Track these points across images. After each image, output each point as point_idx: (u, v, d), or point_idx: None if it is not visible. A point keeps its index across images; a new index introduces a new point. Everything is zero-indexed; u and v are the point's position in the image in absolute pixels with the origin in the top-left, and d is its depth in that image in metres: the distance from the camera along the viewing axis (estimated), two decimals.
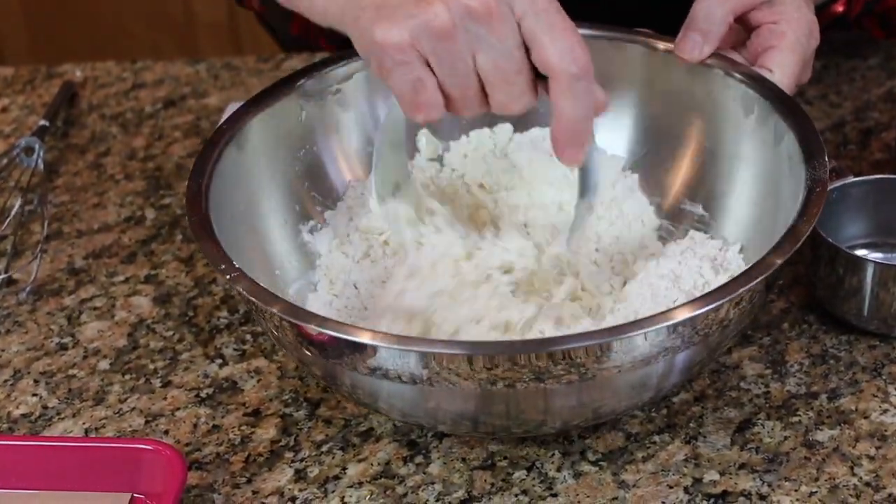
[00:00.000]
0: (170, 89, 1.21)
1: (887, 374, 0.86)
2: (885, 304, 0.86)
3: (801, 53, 0.89)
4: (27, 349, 0.92)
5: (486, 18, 0.74)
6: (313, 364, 0.78)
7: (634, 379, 0.75)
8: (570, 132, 0.77)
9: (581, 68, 0.75)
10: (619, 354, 0.72)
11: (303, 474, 0.82)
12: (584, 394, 0.75)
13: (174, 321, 0.94)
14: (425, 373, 0.72)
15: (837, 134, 1.08)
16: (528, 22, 0.75)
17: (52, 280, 0.99)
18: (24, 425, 0.86)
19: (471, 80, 0.77)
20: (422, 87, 0.76)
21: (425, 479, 0.81)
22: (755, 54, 0.90)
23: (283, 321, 0.75)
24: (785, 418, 0.83)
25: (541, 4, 0.75)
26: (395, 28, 0.75)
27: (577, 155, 0.78)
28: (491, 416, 0.77)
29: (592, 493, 0.79)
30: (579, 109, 0.76)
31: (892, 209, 0.92)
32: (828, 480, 0.79)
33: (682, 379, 0.79)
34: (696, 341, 0.74)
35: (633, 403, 0.79)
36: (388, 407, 0.79)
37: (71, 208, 1.06)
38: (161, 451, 0.78)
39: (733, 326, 0.76)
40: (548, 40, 0.75)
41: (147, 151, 1.13)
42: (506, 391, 0.73)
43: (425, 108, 0.77)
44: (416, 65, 0.76)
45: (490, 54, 0.75)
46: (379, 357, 0.73)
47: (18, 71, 1.25)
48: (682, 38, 0.90)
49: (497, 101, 0.77)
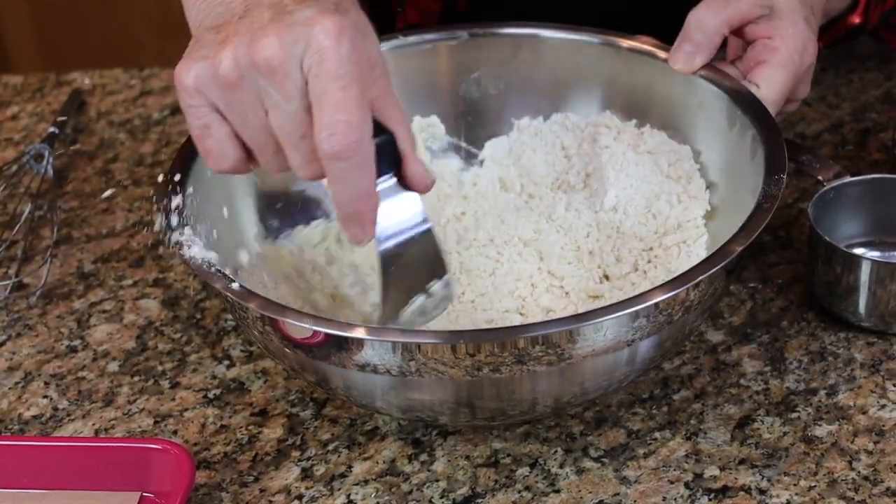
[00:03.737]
0: (177, 96, 1.22)
1: (885, 370, 0.87)
2: (882, 301, 0.87)
3: (793, 70, 0.89)
4: (37, 352, 0.94)
5: (269, 73, 0.69)
6: (304, 369, 0.80)
7: (610, 359, 0.77)
8: (341, 212, 0.71)
9: (338, 150, 0.68)
10: (588, 338, 0.74)
11: (309, 473, 0.83)
12: (566, 374, 0.77)
13: (182, 323, 0.95)
14: (412, 364, 0.74)
15: (836, 135, 1.09)
16: (311, 84, 0.69)
17: (61, 284, 1.00)
18: (35, 427, 0.88)
19: (264, 136, 0.71)
20: (208, 133, 0.72)
21: (430, 476, 0.82)
22: (748, 68, 0.90)
23: (264, 322, 0.76)
24: (784, 414, 0.84)
25: (325, 65, 0.68)
26: (185, 70, 0.71)
27: (357, 235, 0.72)
28: (484, 400, 0.78)
29: (594, 488, 0.80)
30: (343, 190, 0.70)
31: (888, 208, 0.93)
32: (826, 475, 0.80)
33: (657, 356, 0.81)
34: (661, 324, 0.77)
35: (615, 380, 0.80)
36: (386, 405, 0.80)
37: (80, 213, 1.08)
38: (170, 451, 0.79)
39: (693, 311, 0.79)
40: (316, 112, 0.69)
41: (155, 157, 1.14)
42: (492, 375, 0.75)
43: (214, 156, 0.73)
44: (204, 110, 0.71)
45: (276, 113, 0.70)
46: (366, 352, 0.74)
47: (28, 79, 1.27)
48: (675, 49, 0.91)
49: (292, 165, 0.72)
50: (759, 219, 0.78)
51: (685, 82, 0.91)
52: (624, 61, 0.95)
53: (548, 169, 0.95)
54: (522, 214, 0.93)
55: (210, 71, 0.70)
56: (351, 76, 0.68)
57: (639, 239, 0.90)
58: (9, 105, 1.22)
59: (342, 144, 0.68)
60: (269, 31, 0.69)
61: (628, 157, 0.93)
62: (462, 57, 0.98)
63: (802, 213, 0.99)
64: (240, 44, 0.70)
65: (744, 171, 0.85)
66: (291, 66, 0.68)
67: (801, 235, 0.98)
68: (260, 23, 0.70)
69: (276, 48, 0.68)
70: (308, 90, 0.69)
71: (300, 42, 0.68)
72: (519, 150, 0.97)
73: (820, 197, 0.91)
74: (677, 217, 0.90)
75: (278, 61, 0.68)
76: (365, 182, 0.70)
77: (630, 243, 0.89)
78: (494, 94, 0.99)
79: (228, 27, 0.71)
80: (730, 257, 0.76)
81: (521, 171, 0.96)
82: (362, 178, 0.70)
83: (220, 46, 0.70)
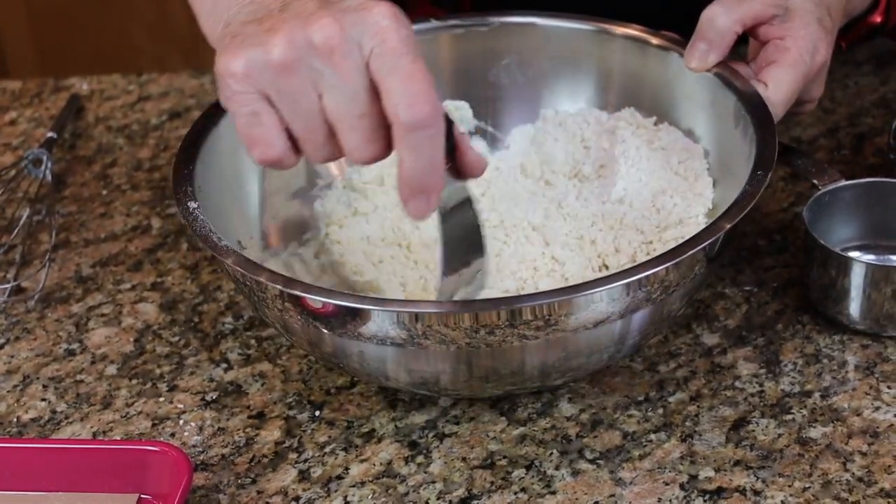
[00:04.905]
0: (175, 101, 1.22)
1: (879, 372, 0.87)
2: (876, 304, 0.88)
3: (802, 71, 0.89)
4: (36, 355, 0.94)
5: (328, 55, 0.69)
6: (320, 342, 0.82)
7: (593, 333, 0.79)
8: (409, 184, 0.72)
9: (419, 119, 0.69)
10: (573, 310, 0.77)
11: (306, 474, 0.83)
12: (552, 341, 0.79)
13: (180, 327, 0.96)
14: (419, 326, 0.76)
15: (831, 139, 1.09)
16: (374, 63, 0.70)
17: (60, 288, 1.00)
18: (33, 429, 0.88)
19: (316, 122, 0.71)
20: (256, 121, 0.72)
21: (426, 478, 0.82)
22: (759, 68, 0.91)
23: (282, 295, 0.79)
24: (779, 416, 0.85)
25: (390, 44, 0.69)
26: (233, 58, 0.71)
27: (419, 208, 0.73)
28: (480, 359, 0.80)
29: (590, 490, 0.81)
30: (418, 162, 0.71)
31: (883, 211, 0.93)
32: (821, 476, 0.81)
33: (637, 334, 0.82)
34: (640, 301, 0.79)
35: (596, 352, 0.82)
36: (395, 375, 0.82)
37: (78, 218, 1.08)
38: (167, 453, 0.80)
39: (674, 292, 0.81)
40: (390, 85, 0.69)
41: (152, 162, 1.14)
42: (488, 339, 0.77)
43: (260, 145, 0.72)
44: (252, 97, 0.71)
45: (333, 95, 0.70)
46: (375, 321, 0.77)
47: (26, 84, 1.27)
48: (690, 48, 0.92)
49: (347, 148, 0.72)
50: (734, 212, 0.80)
51: (699, 80, 0.93)
52: (649, 57, 0.96)
53: (566, 157, 0.97)
54: (535, 200, 0.95)
55: (263, 56, 0.70)
56: (416, 52, 0.70)
57: (640, 232, 0.90)
58: (7, 110, 1.23)
59: (424, 113, 0.69)
60: (323, 14, 0.70)
61: (641, 151, 0.95)
62: (493, 43, 1.00)
63: (798, 217, 0.99)
64: (294, 28, 0.70)
65: (740, 170, 0.85)
66: (350, 46, 0.69)
67: (797, 239, 0.98)
68: (308, 10, 0.71)
69: (334, 28, 0.69)
70: (371, 70, 0.70)
71: (357, 25, 0.70)
72: (542, 139, 0.99)
73: (815, 201, 0.91)
74: (679, 213, 0.91)
75: (337, 40, 0.69)
76: (438, 154, 0.71)
77: (630, 235, 0.90)
78: (523, 81, 1.00)
79: (271, 18, 0.72)
80: (701, 244, 0.78)
81: (542, 159, 0.98)
82: (436, 149, 0.71)
83: (269, 34, 0.70)
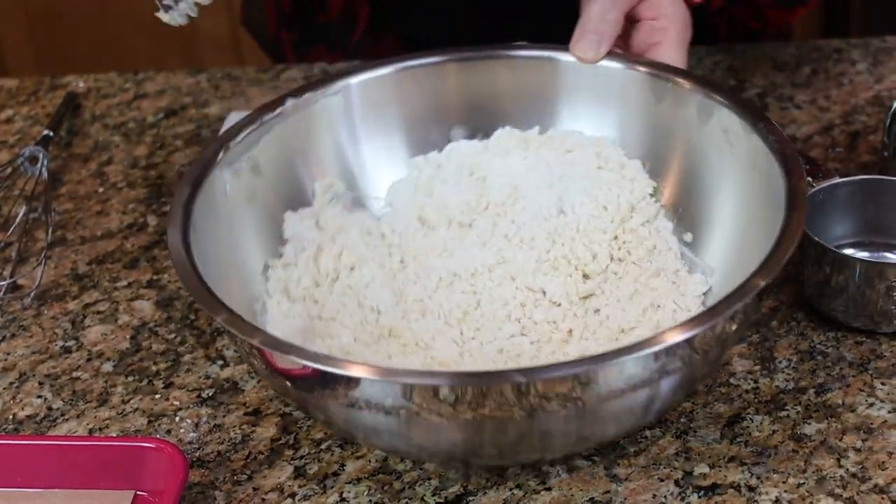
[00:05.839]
0: (171, 99, 1.23)
1: (873, 368, 0.88)
2: (870, 301, 0.88)
3: (684, 48, 0.94)
4: (32, 352, 0.94)
5: None
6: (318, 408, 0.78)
7: (629, 401, 0.74)
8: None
9: None
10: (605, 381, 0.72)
11: (302, 471, 0.83)
12: (583, 419, 0.74)
13: (176, 324, 0.96)
14: None
15: (826, 137, 1.10)
16: None
17: (56, 285, 1.00)
18: (29, 426, 0.88)
19: None
20: None
21: (421, 474, 0.83)
22: (641, 50, 0.94)
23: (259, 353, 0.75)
24: (773, 413, 0.85)
25: None
26: None
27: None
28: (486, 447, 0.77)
29: (585, 486, 0.81)
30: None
31: (878, 209, 0.93)
32: (815, 472, 0.81)
33: (682, 395, 0.81)
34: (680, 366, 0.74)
35: (635, 425, 0.79)
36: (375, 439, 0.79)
37: (74, 215, 1.08)
38: (163, 450, 0.80)
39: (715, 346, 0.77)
40: None
41: (149, 160, 1.15)
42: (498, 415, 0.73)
43: None
44: None
45: None
46: (363, 389, 0.72)
47: (23, 82, 1.27)
48: (580, 39, 0.93)
49: None
50: (780, 252, 0.76)
51: (576, 78, 0.94)
52: None
53: (462, 196, 0.93)
54: (467, 244, 0.91)
55: None
56: None
57: (602, 231, 0.90)
58: (3, 108, 1.23)
59: None
60: None
61: (550, 162, 0.93)
62: None
63: None
64: None
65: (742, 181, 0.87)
66: None
67: None
68: None
69: None
70: None
71: None
72: (428, 186, 0.94)
73: (810, 198, 0.91)
74: (628, 201, 0.91)
75: None
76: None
77: (595, 237, 0.90)
78: None
79: None
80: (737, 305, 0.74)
81: (437, 206, 0.93)
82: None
83: None
